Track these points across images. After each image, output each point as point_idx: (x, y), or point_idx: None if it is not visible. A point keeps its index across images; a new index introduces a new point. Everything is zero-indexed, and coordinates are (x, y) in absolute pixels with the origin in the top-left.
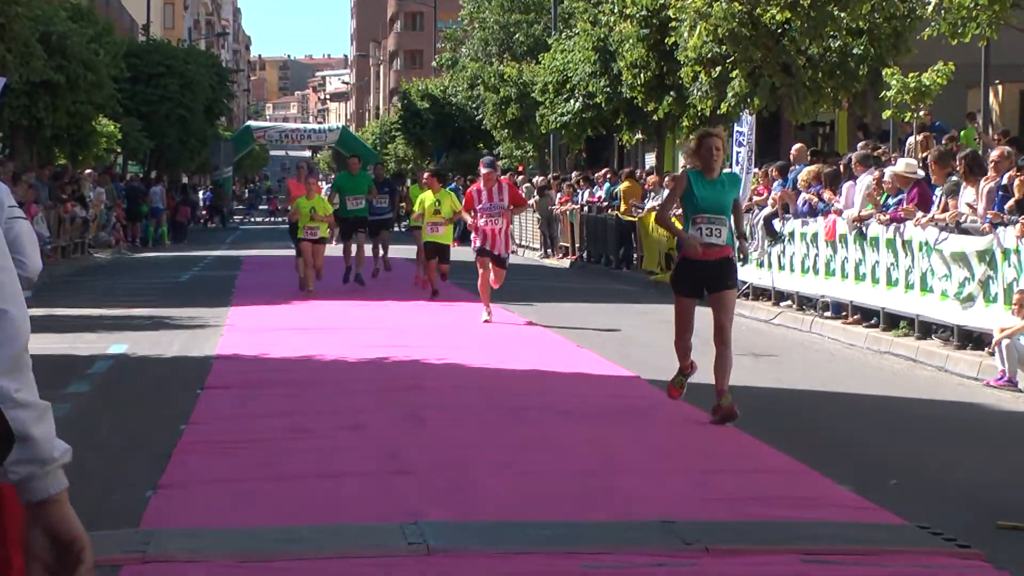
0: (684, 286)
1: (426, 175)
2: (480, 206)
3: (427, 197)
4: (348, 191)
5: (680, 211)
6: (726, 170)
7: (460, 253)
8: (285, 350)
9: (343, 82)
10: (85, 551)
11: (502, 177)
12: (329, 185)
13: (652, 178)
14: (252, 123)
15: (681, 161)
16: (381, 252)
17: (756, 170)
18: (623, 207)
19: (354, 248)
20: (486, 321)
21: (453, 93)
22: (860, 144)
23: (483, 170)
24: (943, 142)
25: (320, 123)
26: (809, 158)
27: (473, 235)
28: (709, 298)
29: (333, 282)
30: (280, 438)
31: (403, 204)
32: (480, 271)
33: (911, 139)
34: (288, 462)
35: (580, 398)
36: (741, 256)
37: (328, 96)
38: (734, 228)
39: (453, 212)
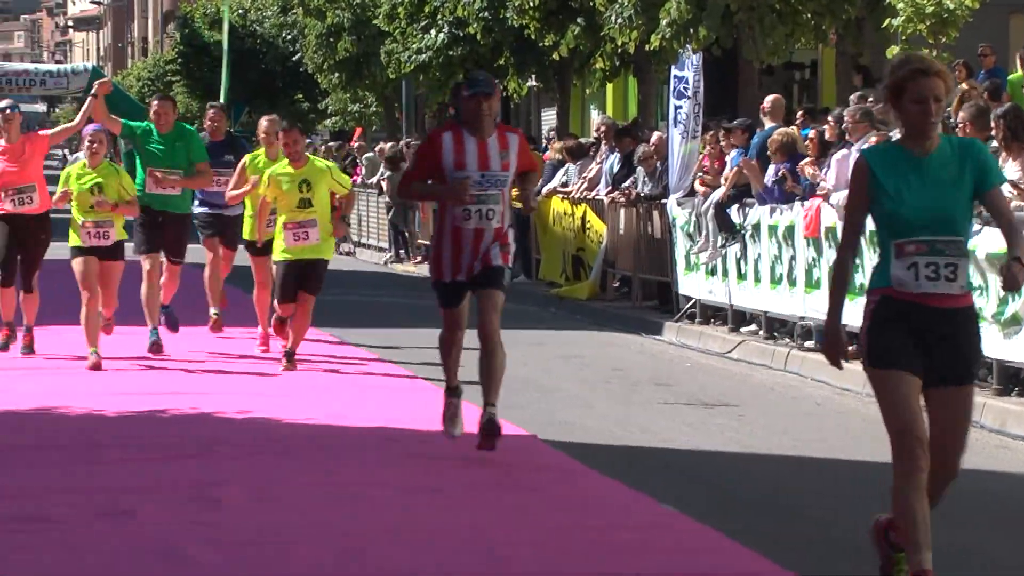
0: (893, 351)
1: (280, 131)
2: (460, 175)
3: (281, 174)
4: (153, 158)
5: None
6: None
7: None
8: (11, 400)
9: (93, 2)
10: None
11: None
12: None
13: (555, 145)
14: None
15: (597, 119)
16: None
17: (702, 135)
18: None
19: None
20: None
21: (258, 20)
22: (855, 96)
23: (465, 93)
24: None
25: (60, 62)
26: (797, 117)
27: (432, 244)
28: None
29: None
30: (4, 530)
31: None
32: (445, 333)
33: None
34: (11, 568)
35: (444, 467)
36: None
37: (71, 22)
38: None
39: (333, 205)
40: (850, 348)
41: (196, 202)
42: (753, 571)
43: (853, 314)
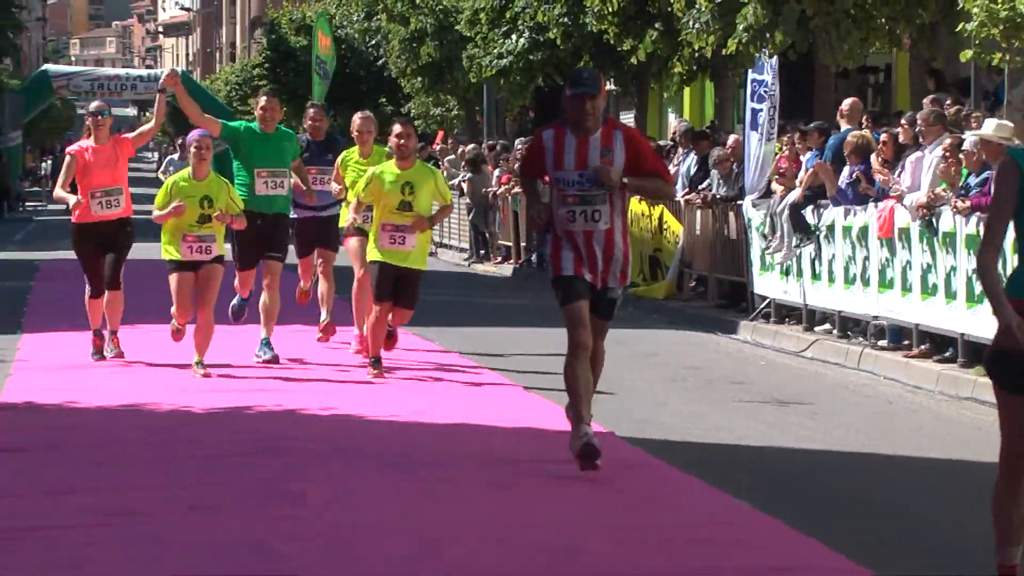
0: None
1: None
2: (560, 175)
3: (384, 171)
4: (257, 158)
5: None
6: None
7: None
8: (99, 397)
9: (182, 8)
10: None
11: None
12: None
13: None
14: (51, 67)
15: (674, 123)
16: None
17: (777, 137)
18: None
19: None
20: None
21: (342, 25)
22: (929, 99)
23: (569, 92)
24: None
25: (150, 67)
26: (863, 120)
27: (549, 245)
28: None
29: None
30: (87, 523)
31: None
32: (571, 340)
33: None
34: (100, 560)
35: (525, 465)
36: None
37: (161, 28)
38: None
39: (436, 206)
40: (922, 347)
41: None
42: (828, 566)
43: (956, 319)
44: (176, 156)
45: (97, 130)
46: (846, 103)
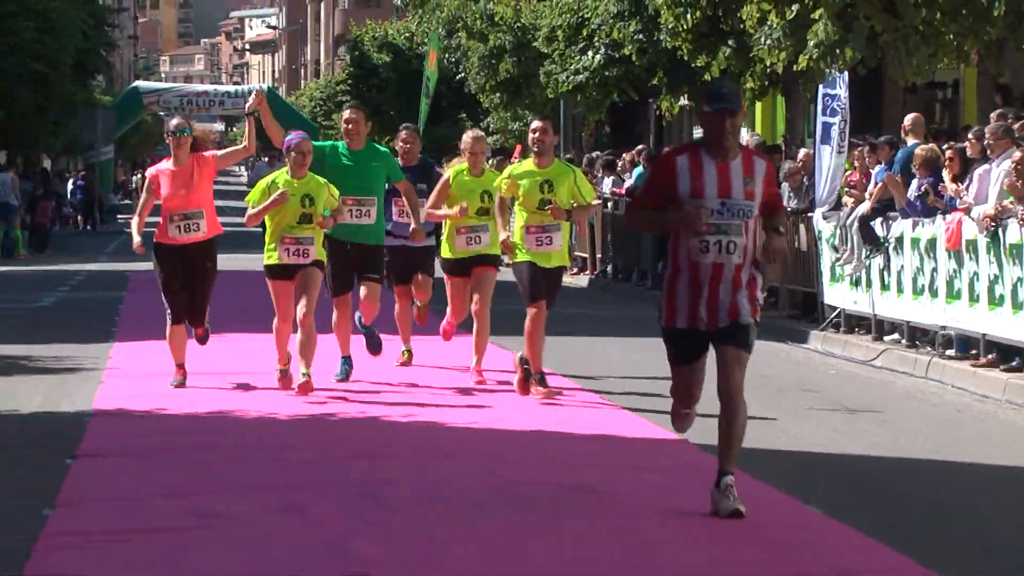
0: None
1: (470, 141)
2: (698, 203)
3: (522, 173)
4: (342, 183)
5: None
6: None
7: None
8: (190, 404)
9: (268, 26)
10: None
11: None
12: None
13: None
14: (141, 84)
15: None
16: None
17: (848, 151)
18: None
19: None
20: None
21: (423, 42)
22: (996, 113)
23: (707, 108)
24: None
25: (237, 83)
26: (927, 134)
27: (664, 284)
28: None
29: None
30: (181, 526)
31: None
32: (676, 405)
33: None
34: (192, 560)
35: (603, 471)
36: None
37: (248, 46)
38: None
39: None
40: (989, 356)
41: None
42: (895, 567)
43: (1022, 330)
44: (265, 160)
45: (177, 150)
46: (908, 118)
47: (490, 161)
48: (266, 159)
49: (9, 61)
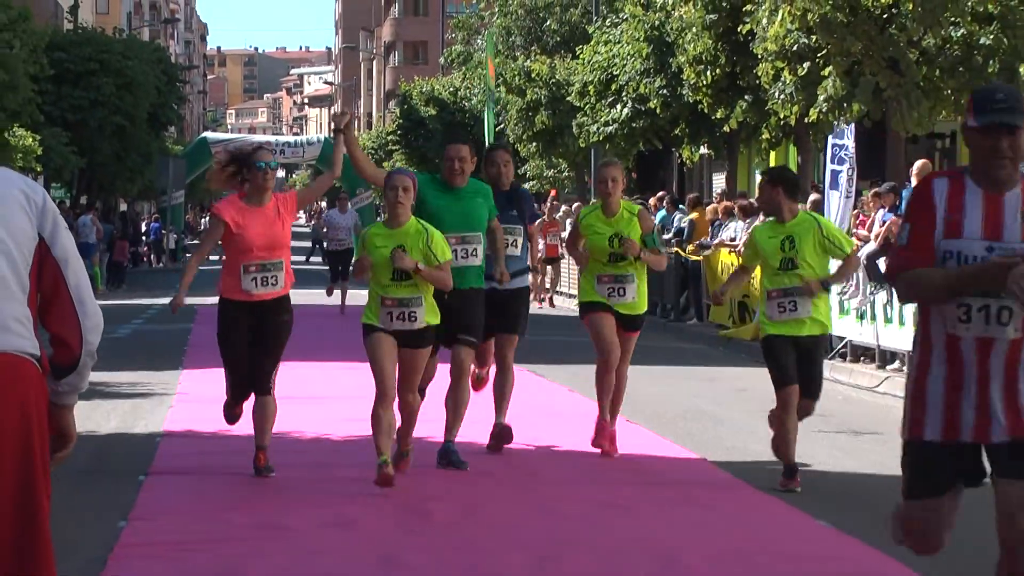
0: None
1: (611, 168)
2: (953, 247)
3: (763, 230)
4: (445, 220)
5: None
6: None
7: None
8: (248, 427)
9: (325, 82)
10: (73, 442)
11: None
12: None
13: (721, 205)
14: (209, 135)
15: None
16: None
17: (855, 196)
18: (690, 246)
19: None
20: None
21: (466, 96)
22: None
23: (973, 122)
24: None
25: (296, 134)
26: None
27: (910, 377)
28: None
29: (339, 350)
30: (244, 537)
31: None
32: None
33: None
34: (256, 569)
35: (630, 486)
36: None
37: (307, 100)
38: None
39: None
40: None
41: None
42: (891, 572)
43: None
44: (335, 210)
45: (264, 185)
46: (917, 164)
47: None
48: (335, 209)
49: (91, 114)
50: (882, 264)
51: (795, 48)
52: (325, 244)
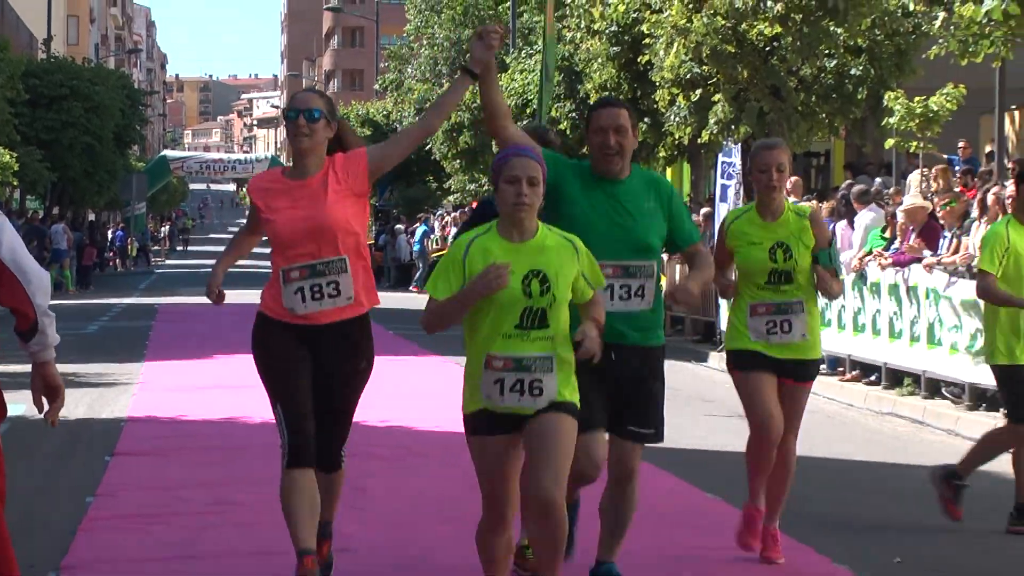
0: None
1: (775, 152)
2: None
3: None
4: (592, 232)
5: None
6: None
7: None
8: (207, 411)
9: (272, 106)
10: (62, 391)
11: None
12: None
13: None
14: (169, 152)
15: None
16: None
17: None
18: None
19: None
20: None
21: (398, 119)
22: (846, 184)
23: None
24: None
25: (246, 152)
26: (804, 194)
27: None
28: None
29: None
30: (201, 512)
31: None
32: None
33: (914, 173)
34: (210, 539)
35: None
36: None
37: (256, 122)
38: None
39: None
40: (854, 372)
41: None
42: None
43: (878, 350)
44: (434, 222)
45: (300, 145)
46: (790, 182)
47: (453, 213)
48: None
49: (63, 134)
50: None
51: (688, 76)
52: None
